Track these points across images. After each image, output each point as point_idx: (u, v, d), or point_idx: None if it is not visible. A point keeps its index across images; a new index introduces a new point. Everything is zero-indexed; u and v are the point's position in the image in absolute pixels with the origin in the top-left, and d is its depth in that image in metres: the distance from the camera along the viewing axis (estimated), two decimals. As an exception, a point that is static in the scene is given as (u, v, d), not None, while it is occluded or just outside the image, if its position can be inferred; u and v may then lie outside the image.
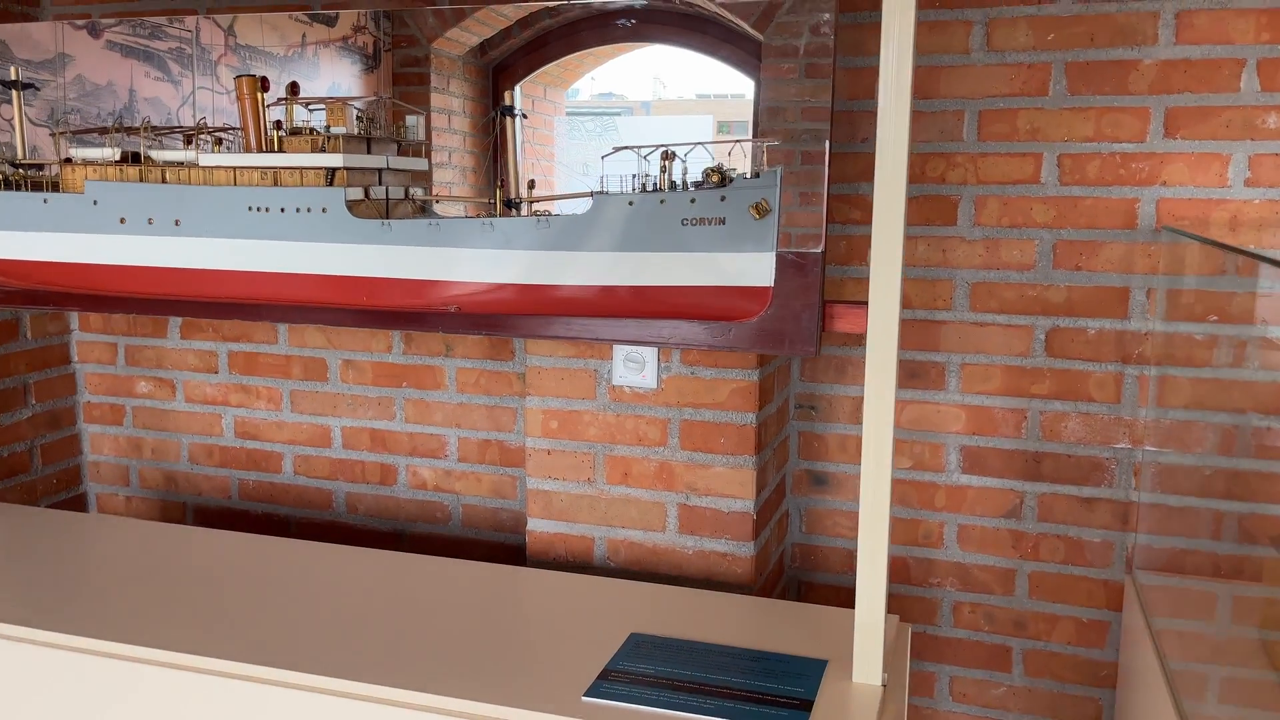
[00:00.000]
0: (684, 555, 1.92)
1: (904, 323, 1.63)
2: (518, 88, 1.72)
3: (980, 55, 1.86)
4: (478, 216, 1.35)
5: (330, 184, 1.39)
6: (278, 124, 1.46)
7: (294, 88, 1.52)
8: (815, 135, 1.46)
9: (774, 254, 1.33)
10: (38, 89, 1.74)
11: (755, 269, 1.32)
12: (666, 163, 1.34)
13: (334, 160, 1.38)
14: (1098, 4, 1.79)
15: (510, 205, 1.37)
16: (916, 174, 1.93)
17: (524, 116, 1.41)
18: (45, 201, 1.52)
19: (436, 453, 2.36)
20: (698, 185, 1.34)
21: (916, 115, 1.90)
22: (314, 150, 1.40)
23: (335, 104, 1.40)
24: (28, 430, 2.49)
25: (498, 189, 1.36)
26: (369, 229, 1.35)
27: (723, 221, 1.30)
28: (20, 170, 1.59)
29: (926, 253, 1.96)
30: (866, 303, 1.32)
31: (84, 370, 2.60)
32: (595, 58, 1.71)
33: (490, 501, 2.33)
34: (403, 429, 2.37)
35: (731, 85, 1.58)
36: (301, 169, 1.39)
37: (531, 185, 1.41)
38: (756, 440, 1.85)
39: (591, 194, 1.31)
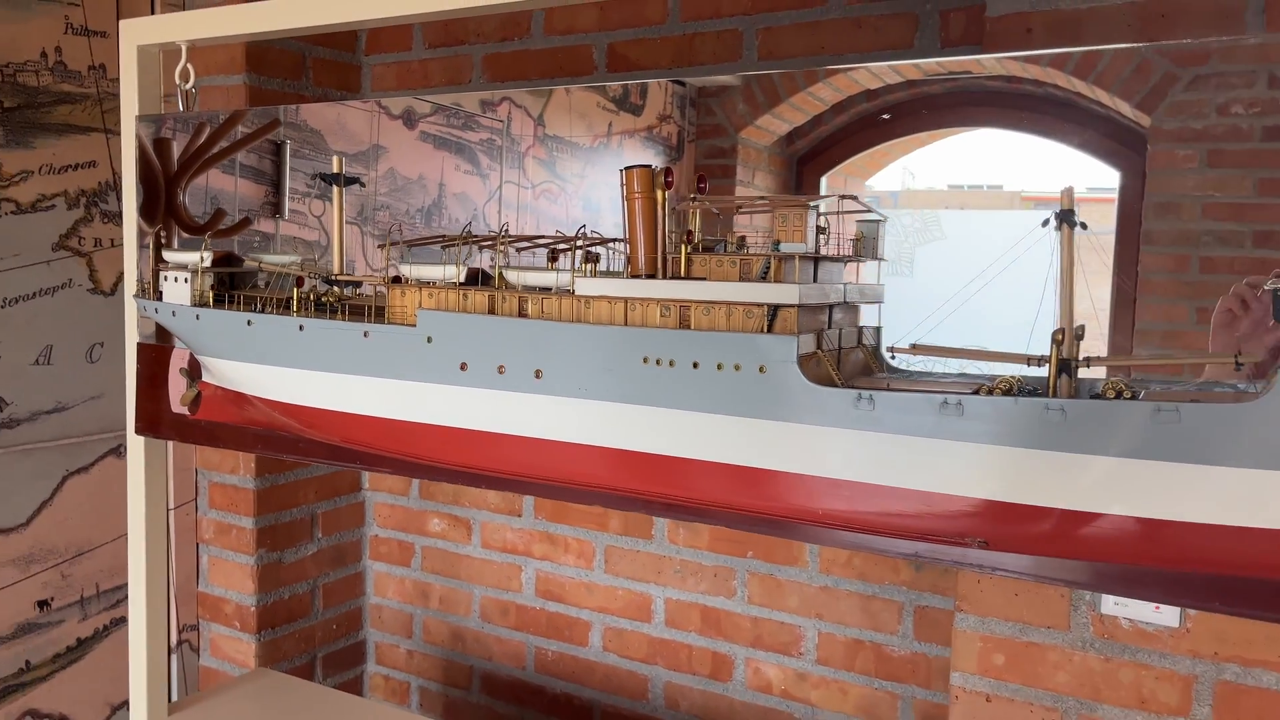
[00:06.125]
0: None
1: None
2: (824, 179, 1.40)
3: None
4: (1029, 390, 0.81)
5: (769, 329, 0.90)
6: (688, 235, 1.00)
7: (701, 182, 1.06)
8: None
9: None
10: (363, 185, 1.40)
11: None
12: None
13: (784, 294, 0.89)
14: None
15: (1064, 369, 0.83)
16: None
17: (1084, 227, 0.87)
18: (366, 335, 1.13)
19: (788, 648, 1.81)
20: None
21: None
22: (744, 276, 0.93)
23: (792, 206, 0.91)
24: (311, 568, 2.18)
25: (1056, 344, 0.83)
26: (836, 404, 0.85)
27: None
28: (336, 289, 1.23)
29: None
30: None
31: (374, 499, 2.27)
32: (905, 145, 1.42)
33: (860, 724, 1.75)
34: (744, 611, 1.85)
35: (989, 176, 1.37)
36: (728, 305, 0.92)
37: (1080, 335, 0.87)
38: (1357, 730, 1.17)
39: None
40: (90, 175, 1.92)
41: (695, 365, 0.92)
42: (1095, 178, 1.31)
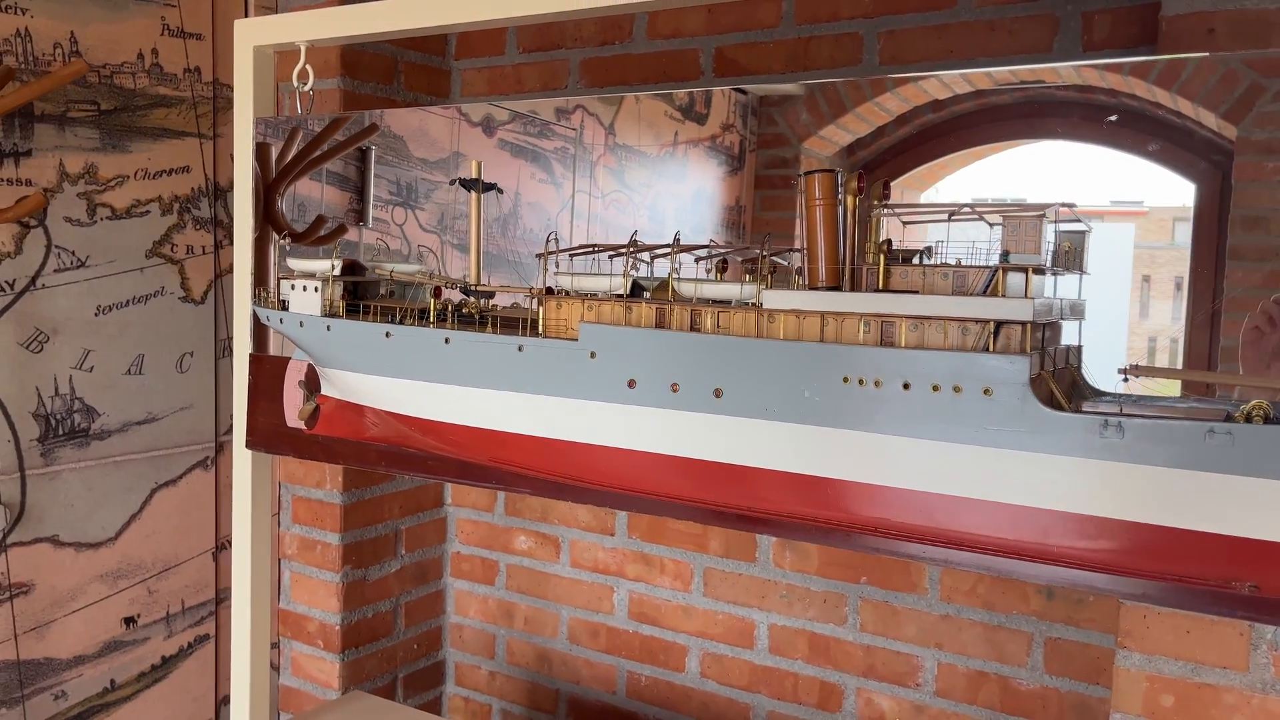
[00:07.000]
0: None
1: None
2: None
3: None
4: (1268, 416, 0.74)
5: (989, 348, 0.83)
6: (886, 245, 0.93)
7: (885, 188, 0.99)
8: None
9: None
10: (501, 191, 1.34)
11: None
12: None
13: (1017, 309, 0.82)
14: None
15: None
16: None
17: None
18: (520, 350, 1.07)
19: (904, 679, 1.73)
20: None
21: None
22: (957, 289, 0.86)
23: (1024, 215, 0.84)
24: (395, 586, 2.12)
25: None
26: (1075, 431, 0.77)
27: None
28: (477, 300, 1.16)
29: None
30: None
31: (457, 515, 2.21)
32: (964, 158, 1.43)
33: (983, 761, 1.67)
34: (856, 639, 1.77)
35: (1015, 190, 1.31)
36: (942, 320, 0.84)
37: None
38: None
39: None
40: (184, 181, 1.87)
41: (906, 386, 0.85)
42: (1120, 191, 1.24)
